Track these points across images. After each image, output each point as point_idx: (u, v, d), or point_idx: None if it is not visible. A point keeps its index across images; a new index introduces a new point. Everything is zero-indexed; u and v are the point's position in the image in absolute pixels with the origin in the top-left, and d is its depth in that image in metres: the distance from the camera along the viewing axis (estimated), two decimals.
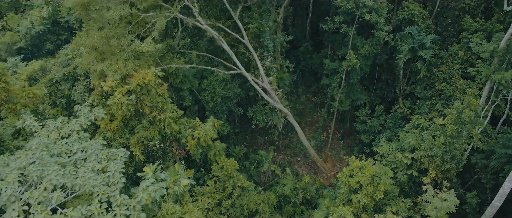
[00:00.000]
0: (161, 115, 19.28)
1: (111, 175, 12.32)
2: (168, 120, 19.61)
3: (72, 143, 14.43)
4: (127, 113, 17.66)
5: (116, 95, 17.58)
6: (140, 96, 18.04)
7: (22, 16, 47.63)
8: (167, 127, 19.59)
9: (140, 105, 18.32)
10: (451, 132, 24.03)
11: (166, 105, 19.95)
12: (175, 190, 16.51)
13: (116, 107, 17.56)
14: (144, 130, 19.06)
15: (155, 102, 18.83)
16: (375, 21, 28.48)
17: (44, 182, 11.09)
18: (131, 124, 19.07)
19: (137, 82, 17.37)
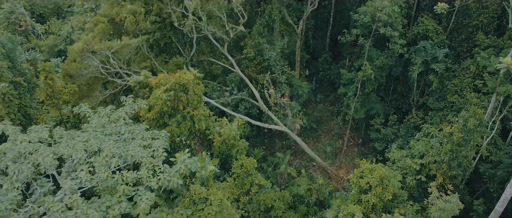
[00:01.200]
0: (195, 111, 22.28)
1: (156, 149, 15.34)
2: (200, 116, 22.59)
3: (120, 127, 17.59)
4: (164, 107, 20.74)
5: (156, 91, 20.77)
6: (177, 94, 21.12)
7: (63, 21, 52.49)
8: (198, 123, 22.53)
9: (176, 101, 21.40)
10: (458, 139, 25.98)
11: (200, 104, 22.97)
12: (202, 174, 19.27)
13: (155, 100, 20.68)
14: (176, 124, 22.11)
15: (191, 100, 21.86)
16: (390, 34, 30.90)
17: (104, 150, 14.16)
18: (165, 117, 22.14)
19: (175, 81, 20.49)
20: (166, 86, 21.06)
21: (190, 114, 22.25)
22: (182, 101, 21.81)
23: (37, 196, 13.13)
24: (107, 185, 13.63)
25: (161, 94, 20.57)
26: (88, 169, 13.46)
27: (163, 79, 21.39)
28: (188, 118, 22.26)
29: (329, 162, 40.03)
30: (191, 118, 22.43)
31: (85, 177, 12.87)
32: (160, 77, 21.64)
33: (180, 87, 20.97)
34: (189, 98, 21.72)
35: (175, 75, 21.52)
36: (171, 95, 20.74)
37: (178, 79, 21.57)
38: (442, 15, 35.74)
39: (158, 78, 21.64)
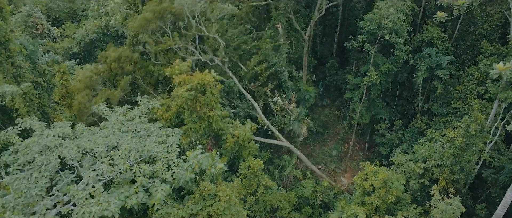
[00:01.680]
0: (211, 112, 23.50)
1: (170, 145, 16.56)
2: (216, 117, 23.82)
3: (136, 124, 18.85)
4: (184, 105, 22.01)
5: (178, 89, 22.06)
6: (197, 94, 22.40)
7: (78, 25, 54.44)
8: (215, 123, 23.75)
9: (194, 101, 22.66)
10: (460, 144, 26.77)
11: (216, 105, 24.23)
12: (212, 171, 20.39)
13: (177, 98, 21.95)
14: (192, 123, 23.34)
15: (209, 101, 23.13)
16: (395, 41, 31.89)
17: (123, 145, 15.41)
18: (182, 116, 23.40)
19: (197, 81, 21.77)
20: (189, 85, 22.28)
21: (207, 114, 23.46)
22: (200, 102, 23.04)
23: (62, 185, 14.39)
24: (125, 177, 14.86)
25: (183, 92, 21.81)
26: (108, 161, 14.71)
27: (186, 78, 22.65)
28: (204, 118, 23.48)
29: (335, 165, 40.92)
30: (207, 118, 23.63)
31: (107, 169, 14.11)
32: (183, 77, 22.91)
33: (200, 88, 22.22)
34: (207, 99, 22.96)
35: (198, 76, 22.78)
36: (192, 95, 21.98)
37: (200, 80, 22.81)
38: (447, 23, 36.70)
39: (180, 77, 22.92)
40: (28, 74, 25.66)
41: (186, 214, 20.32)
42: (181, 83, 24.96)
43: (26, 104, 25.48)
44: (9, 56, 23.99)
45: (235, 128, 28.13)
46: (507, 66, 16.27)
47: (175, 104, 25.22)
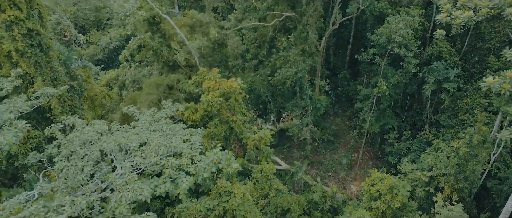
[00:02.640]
0: (233, 116, 25.82)
1: (194, 143, 18.87)
2: (238, 121, 26.12)
3: (162, 125, 21.26)
4: (213, 109, 24.41)
5: (209, 95, 24.49)
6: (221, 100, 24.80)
7: (102, 33, 57.95)
8: (237, 127, 26.05)
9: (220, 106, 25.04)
10: (464, 154, 28.31)
11: (240, 110, 26.55)
12: (228, 170, 22.57)
13: (206, 103, 24.36)
14: (214, 126, 25.69)
15: (232, 106, 25.47)
16: (404, 54, 33.75)
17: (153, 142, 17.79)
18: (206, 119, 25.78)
19: (227, 88, 24.20)
20: (218, 91, 24.70)
21: (230, 118, 25.79)
22: (224, 107, 25.42)
23: (100, 174, 16.79)
24: (154, 169, 17.18)
25: (213, 98, 24.24)
26: (140, 155, 17.08)
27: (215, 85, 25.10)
28: (228, 121, 25.79)
29: (345, 173, 42.60)
30: (230, 122, 25.97)
31: (140, 161, 16.46)
32: (212, 83, 25.36)
33: (227, 94, 24.63)
34: (231, 104, 25.31)
35: (227, 83, 25.21)
36: (220, 101, 24.42)
37: (229, 87, 25.25)
38: (456, 38, 38.39)
39: (210, 83, 25.38)
40: (63, 78, 28.47)
41: (203, 209, 22.57)
42: (210, 89, 27.36)
43: (60, 105, 28.25)
44: (48, 62, 26.85)
45: (253, 132, 30.32)
46: (496, 80, 18.01)
47: (202, 108, 27.60)
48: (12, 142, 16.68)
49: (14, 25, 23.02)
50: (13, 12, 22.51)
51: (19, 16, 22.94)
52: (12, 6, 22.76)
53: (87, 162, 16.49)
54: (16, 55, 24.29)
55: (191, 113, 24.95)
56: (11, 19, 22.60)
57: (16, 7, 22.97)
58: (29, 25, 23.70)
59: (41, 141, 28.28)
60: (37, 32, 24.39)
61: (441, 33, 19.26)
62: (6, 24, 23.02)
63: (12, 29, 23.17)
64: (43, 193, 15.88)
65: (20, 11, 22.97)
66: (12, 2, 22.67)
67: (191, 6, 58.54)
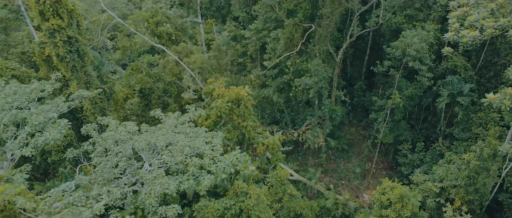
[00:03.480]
0: (244, 122, 27.73)
1: (215, 145, 20.79)
2: (249, 127, 28.01)
3: (186, 128, 23.30)
4: (222, 115, 26.38)
5: (218, 101, 26.51)
6: (232, 106, 26.75)
7: (129, 38, 61.02)
8: (247, 133, 27.92)
9: (231, 112, 26.99)
10: (474, 166, 29.24)
11: (250, 116, 28.44)
12: (245, 172, 24.39)
13: (215, 109, 26.39)
14: (227, 132, 27.64)
15: (242, 112, 27.39)
16: (419, 68, 34.97)
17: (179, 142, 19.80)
18: (219, 125, 27.77)
19: (234, 95, 26.15)
20: (226, 98, 26.70)
21: (241, 124, 27.68)
22: (235, 113, 27.35)
23: (131, 170, 18.88)
24: (179, 167, 19.15)
25: (221, 104, 26.25)
26: (167, 154, 19.11)
27: (224, 92, 27.11)
28: (239, 127, 27.69)
29: (358, 182, 43.74)
30: (241, 127, 27.85)
31: (167, 159, 18.48)
32: (221, 90, 27.39)
33: (236, 101, 26.56)
34: (241, 110, 27.22)
35: (234, 90, 27.20)
36: (229, 106, 26.34)
37: (236, 94, 27.22)
38: (472, 52, 39.31)
39: (219, 91, 27.42)
40: (95, 82, 31.01)
41: (221, 207, 24.45)
42: (220, 96, 29.39)
43: (92, 106, 30.74)
44: (83, 66, 29.44)
45: (265, 137, 32.08)
46: (496, 96, 19.19)
47: (214, 114, 29.66)
48: (57, 137, 18.99)
49: (56, 33, 25.65)
50: (56, 21, 25.15)
51: (61, 25, 25.56)
52: (55, 15, 25.41)
53: (121, 158, 18.61)
54: (56, 60, 26.90)
55: (204, 119, 26.94)
56: (54, 27, 25.23)
57: (59, 16, 25.62)
58: (69, 33, 26.30)
59: (72, 139, 30.82)
60: (76, 39, 26.98)
61: (448, 50, 20.64)
62: (49, 31, 25.67)
63: (55, 36, 25.81)
64: (81, 184, 18.06)
65: (62, 20, 25.59)
66: (55, 12, 25.32)
67: (213, 15, 61.18)
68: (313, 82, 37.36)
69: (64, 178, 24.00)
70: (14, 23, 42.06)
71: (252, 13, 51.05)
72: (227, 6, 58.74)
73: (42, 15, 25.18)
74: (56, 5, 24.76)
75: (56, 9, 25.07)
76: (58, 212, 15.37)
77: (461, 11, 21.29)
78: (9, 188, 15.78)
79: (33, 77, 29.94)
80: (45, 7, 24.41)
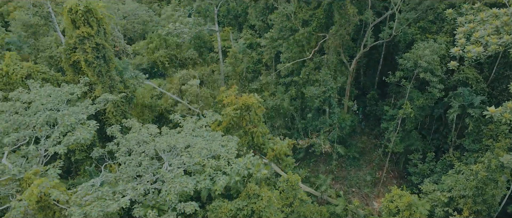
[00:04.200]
0: (254, 128, 29.27)
1: (230, 148, 22.34)
2: (258, 133, 29.53)
3: (203, 132, 24.94)
4: (232, 121, 27.97)
5: (227, 109, 28.17)
6: (243, 113, 28.34)
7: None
8: (256, 138, 29.45)
9: (241, 119, 28.57)
10: (482, 177, 29.97)
11: (259, 123, 29.97)
12: (257, 176, 25.83)
13: (226, 116, 28.01)
14: (239, 137, 29.17)
15: (252, 119, 28.92)
16: (429, 79, 35.89)
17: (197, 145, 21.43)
18: (231, 131, 29.36)
19: (242, 102, 27.73)
20: (235, 105, 28.31)
21: (251, 130, 29.22)
22: (245, 119, 28.91)
23: (153, 169, 20.57)
24: (196, 168, 20.75)
25: (230, 111, 27.86)
26: (186, 155, 20.75)
27: (234, 99, 28.74)
28: (249, 133, 29.24)
29: (368, 190, 44.56)
30: (251, 133, 29.38)
31: (186, 160, 20.11)
32: (231, 98, 29.04)
33: (245, 108, 28.12)
34: (251, 117, 28.76)
35: (242, 98, 28.78)
36: (238, 114, 27.92)
37: (244, 101, 28.80)
38: (484, 65, 39.97)
39: (229, 98, 29.06)
40: (118, 86, 33.06)
41: (233, 208, 25.92)
42: (230, 104, 30.99)
43: (114, 109, 32.77)
44: (108, 71, 31.53)
45: (274, 143, 33.50)
46: (497, 109, 20.13)
47: (225, 120, 31.23)
48: (87, 137, 20.89)
49: (86, 40, 27.77)
50: (86, 29, 27.27)
51: (90, 33, 27.67)
52: (85, 23, 27.54)
53: (144, 157, 20.35)
54: (84, 65, 29.01)
55: (216, 125, 28.56)
56: (84, 34, 27.35)
57: (89, 25, 27.74)
58: (97, 40, 28.39)
59: (95, 140, 32.87)
60: (103, 46, 29.07)
61: (454, 64, 21.74)
62: (79, 38, 27.80)
63: (84, 43, 27.92)
64: (107, 180, 19.82)
65: (91, 28, 27.71)
66: (86, 20, 27.45)
67: (230, 23, 63.17)
68: (320, 92, 38.68)
69: (89, 175, 25.88)
70: (43, 28, 44.71)
71: (268, 22, 52.80)
72: (244, 14, 60.65)
73: (73, 23, 27.32)
74: (87, 14, 26.85)
75: (86, 18, 27.18)
76: (88, 205, 17.10)
77: (468, 27, 22.36)
78: (45, 182, 17.63)
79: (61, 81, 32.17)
80: (77, 16, 26.53)
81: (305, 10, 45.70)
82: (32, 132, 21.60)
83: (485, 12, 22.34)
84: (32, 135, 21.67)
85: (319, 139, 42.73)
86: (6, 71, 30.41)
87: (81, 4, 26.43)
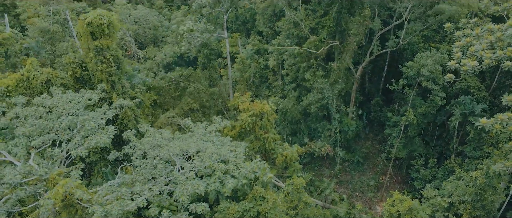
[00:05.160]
0: (266, 134, 30.89)
1: (238, 153, 23.96)
2: (270, 139, 31.16)
3: (213, 137, 26.61)
4: (246, 127, 29.62)
5: (243, 115, 29.83)
6: (256, 119, 30.00)
7: (158, 49, 65.58)
8: (268, 144, 31.07)
9: (254, 124, 30.21)
10: (481, 183, 31.20)
11: (271, 129, 31.58)
12: (263, 179, 27.40)
13: (241, 121, 29.67)
14: (250, 142, 30.83)
15: (265, 125, 30.56)
16: (432, 87, 37.21)
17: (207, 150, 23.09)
18: (243, 135, 31.00)
19: (259, 109, 29.40)
20: (251, 111, 29.96)
21: (263, 136, 30.85)
22: (258, 125, 30.55)
23: (166, 171, 22.26)
24: (206, 171, 22.39)
25: (247, 117, 29.54)
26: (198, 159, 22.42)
27: (249, 106, 30.39)
28: (260, 138, 30.87)
29: (371, 194, 45.89)
30: (263, 139, 31.01)
31: (197, 163, 21.79)
32: (246, 104, 30.68)
33: (260, 114, 29.78)
34: (263, 123, 30.40)
35: (259, 105, 30.45)
36: (253, 119, 29.59)
37: (260, 108, 30.46)
38: (486, 74, 41.16)
39: (244, 105, 30.71)
40: (129, 92, 34.86)
41: (240, 209, 27.54)
42: (245, 110, 32.66)
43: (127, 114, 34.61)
44: (120, 78, 33.37)
45: (284, 149, 35.08)
46: (489, 120, 21.46)
47: (239, 125, 32.93)
48: (107, 141, 22.69)
49: (103, 51, 29.59)
50: (105, 41, 29.10)
51: (109, 44, 29.48)
52: (102, 35, 29.38)
53: (159, 161, 22.07)
54: (100, 74, 30.82)
55: (229, 130, 30.22)
56: (102, 46, 29.18)
57: (106, 36, 29.57)
58: (113, 51, 30.20)
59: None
60: (117, 56, 30.84)
61: (450, 77, 23.18)
62: (96, 50, 29.64)
63: (100, 54, 29.75)
64: (125, 182, 21.57)
65: (110, 40, 29.52)
66: (103, 32, 29.29)
67: (238, 29, 64.95)
68: (317, 99, 40.27)
69: (105, 176, 27.67)
70: (59, 34, 46.85)
71: (275, 29, 54.45)
72: (252, 20, 62.38)
73: (92, 35, 29.16)
74: (105, 27, 28.68)
75: (102, 30, 29.01)
76: (109, 204, 18.81)
77: (465, 41, 23.76)
78: (69, 182, 19.41)
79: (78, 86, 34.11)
80: (97, 29, 28.35)
81: (312, 18, 47.24)
82: (56, 136, 23.44)
83: (481, 27, 23.74)
84: (56, 138, 23.51)
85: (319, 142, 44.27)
86: (27, 76, 32.39)
87: (104, 18, 28.21)
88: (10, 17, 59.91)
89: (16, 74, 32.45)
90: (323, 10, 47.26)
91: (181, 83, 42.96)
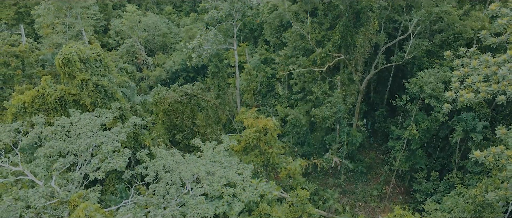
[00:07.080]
0: (270, 149, 32.43)
1: (245, 176, 25.51)
2: (274, 154, 32.69)
3: (221, 157, 28.17)
4: (251, 142, 31.19)
5: (247, 131, 31.38)
6: (260, 135, 31.53)
7: (167, 56, 67.20)
8: (272, 158, 32.62)
9: (258, 140, 31.75)
10: (479, 201, 32.39)
11: (275, 144, 33.11)
12: (268, 197, 28.97)
13: (245, 137, 31.25)
14: (255, 156, 32.39)
15: (269, 140, 32.08)
16: (434, 104, 38.31)
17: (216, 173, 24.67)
18: (248, 150, 32.56)
19: (262, 125, 30.93)
20: (255, 128, 31.51)
21: (267, 150, 32.40)
22: (262, 140, 32.11)
23: (177, 194, 23.90)
24: (215, 194, 23.99)
25: (251, 133, 31.13)
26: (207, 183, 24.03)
27: (253, 122, 31.93)
28: (265, 153, 32.46)
29: (375, 204, 47.25)
30: (267, 153, 32.57)
31: (207, 187, 23.39)
32: (251, 121, 32.22)
33: (264, 130, 31.32)
34: (268, 139, 31.93)
35: (262, 121, 31.97)
36: (257, 136, 31.14)
37: (264, 124, 31.99)
38: None
39: (249, 121, 32.26)
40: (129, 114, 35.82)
41: None
42: (249, 126, 34.19)
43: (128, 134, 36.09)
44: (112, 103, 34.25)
45: (287, 163, 36.60)
46: (482, 153, 22.63)
47: (244, 140, 34.48)
48: (123, 165, 24.39)
49: (84, 86, 31.07)
50: (82, 76, 30.46)
51: (87, 78, 30.80)
52: (81, 71, 30.50)
53: (172, 185, 23.72)
54: (90, 106, 32.19)
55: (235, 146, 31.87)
56: (82, 82, 30.68)
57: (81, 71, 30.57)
58: (95, 81, 31.41)
59: None
60: (102, 86, 32.04)
61: (448, 107, 24.38)
62: (78, 86, 31.15)
63: (83, 89, 31.23)
64: (139, 203, 23.28)
65: (88, 73, 30.76)
66: (78, 68, 30.23)
67: (246, 37, 66.25)
68: (331, 113, 41.47)
69: (120, 193, 29.42)
70: None
71: (282, 39, 55.67)
72: (259, 29, 63.61)
73: (69, 75, 30.42)
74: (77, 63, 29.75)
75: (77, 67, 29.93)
76: None
77: (462, 71, 24.88)
78: (90, 205, 21.14)
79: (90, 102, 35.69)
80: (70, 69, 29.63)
81: (318, 31, 48.43)
82: (75, 158, 25.20)
83: (478, 58, 24.80)
84: (75, 161, 25.29)
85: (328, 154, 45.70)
86: (42, 93, 34.18)
87: (73, 54, 29.28)
88: (24, 24, 61.97)
89: (32, 91, 34.24)
90: (329, 23, 48.44)
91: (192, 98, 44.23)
